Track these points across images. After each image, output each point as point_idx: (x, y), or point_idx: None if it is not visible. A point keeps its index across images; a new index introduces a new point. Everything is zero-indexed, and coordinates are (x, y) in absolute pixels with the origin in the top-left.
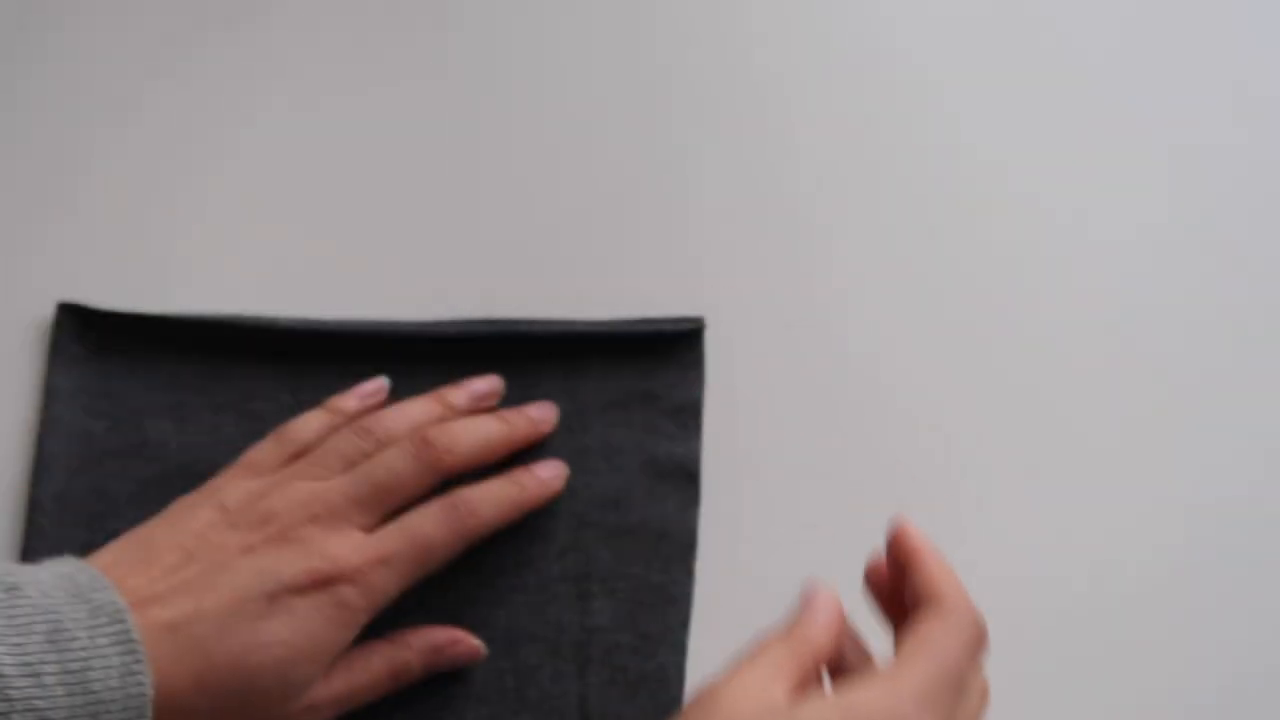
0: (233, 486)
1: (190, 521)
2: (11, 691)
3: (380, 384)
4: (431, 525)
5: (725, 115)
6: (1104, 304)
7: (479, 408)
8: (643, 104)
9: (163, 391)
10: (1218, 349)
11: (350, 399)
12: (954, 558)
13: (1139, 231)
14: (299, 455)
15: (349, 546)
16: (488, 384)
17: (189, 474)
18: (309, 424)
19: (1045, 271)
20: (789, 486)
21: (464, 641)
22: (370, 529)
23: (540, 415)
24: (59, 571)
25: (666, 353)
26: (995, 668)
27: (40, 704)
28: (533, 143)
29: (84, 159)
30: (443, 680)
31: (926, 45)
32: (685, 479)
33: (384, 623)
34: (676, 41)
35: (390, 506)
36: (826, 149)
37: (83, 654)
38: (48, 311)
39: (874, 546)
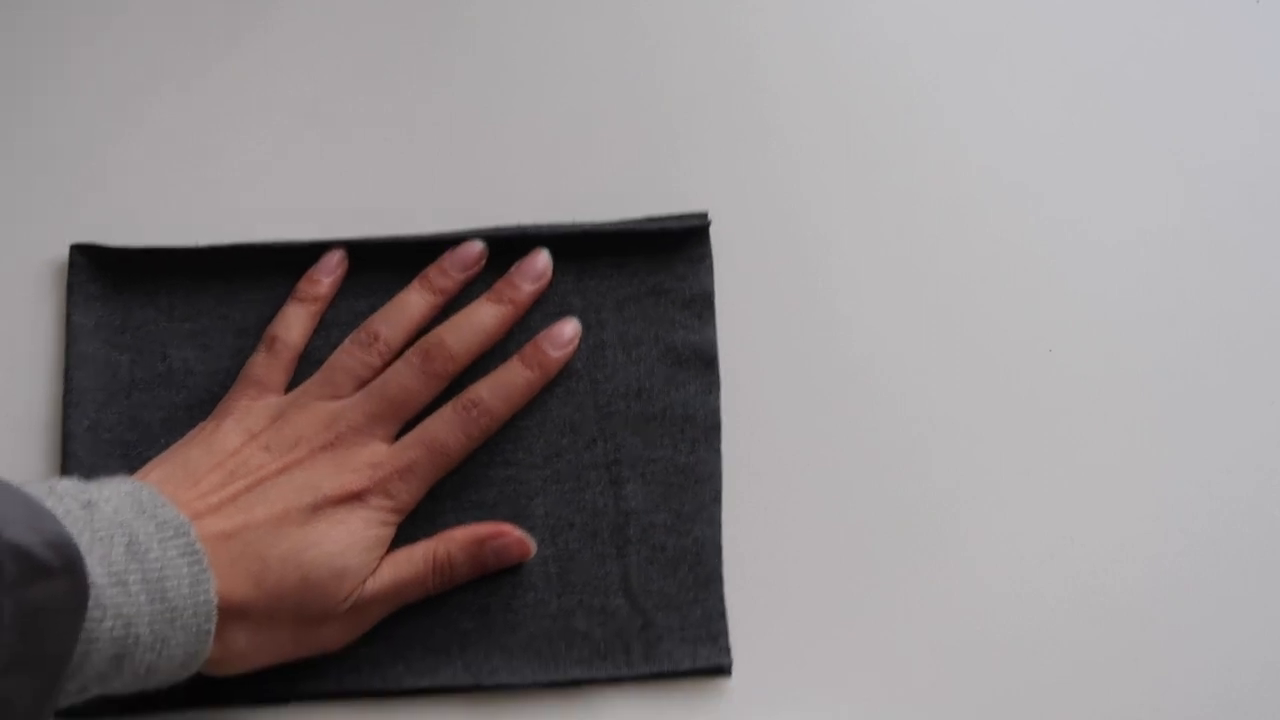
0: (251, 409)
1: (222, 444)
2: (104, 599)
3: (338, 256)
4: (446, 431)
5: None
6: (1107, 300)
7: (468, 278)
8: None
9: (183, 321)
10: (1220, 351)
11: (318, 284)
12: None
13: (1139, 234)
14: (294, 360)
15: (375, 460)
16: (466, 255)
17: (218, 398)
18: (291, 326)
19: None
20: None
21: (508, 534)
22: (390, 439)
23: (535, 273)
24: (121, 489)
25: (675, 248)
26: (995, 668)
27: (128, 611)
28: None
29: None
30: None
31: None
32: (704, 364)
33: (428, 525)
34: None
35: (405, 417)
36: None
37: (157, 564)
38: (63, 253)
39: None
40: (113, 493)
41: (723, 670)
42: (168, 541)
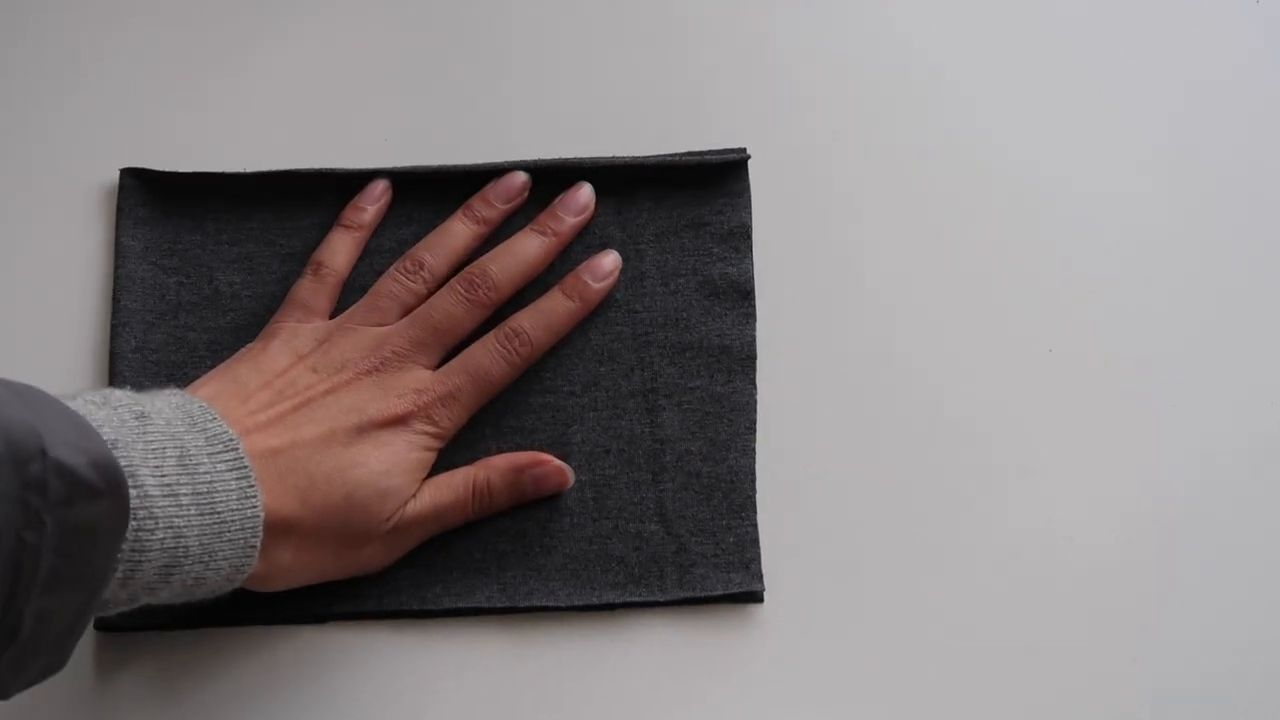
0: (298, 331)
1: (271, 363)
2: (156, 510)
3: (383, 185)
4: (489, 359)
5: None
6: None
7: (511, 209)
8: None
9: (230, 245)
10: (1221, 351)
11: (363, 212)
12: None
13: (1139, 234)
14: (339, 285)
15: (419, 385)
16: (510, 185)
17: (263, 322)
18: (336, 252)
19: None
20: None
21: (547, 463)
22: (434, 366)
23: (578, 206)
24: (172, 402)
25: (714, 182)
26: (1000, 663)
27: (179, 523)
28: None
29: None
30: None
31: None
32: (740, 296)
33: (468, 452)
34: None
35: (449, 345)
36: None
37: (207, 478)
38: (112, 177)
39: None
40: (164, 405)
41: (755, 596)
42: (217, 456)
